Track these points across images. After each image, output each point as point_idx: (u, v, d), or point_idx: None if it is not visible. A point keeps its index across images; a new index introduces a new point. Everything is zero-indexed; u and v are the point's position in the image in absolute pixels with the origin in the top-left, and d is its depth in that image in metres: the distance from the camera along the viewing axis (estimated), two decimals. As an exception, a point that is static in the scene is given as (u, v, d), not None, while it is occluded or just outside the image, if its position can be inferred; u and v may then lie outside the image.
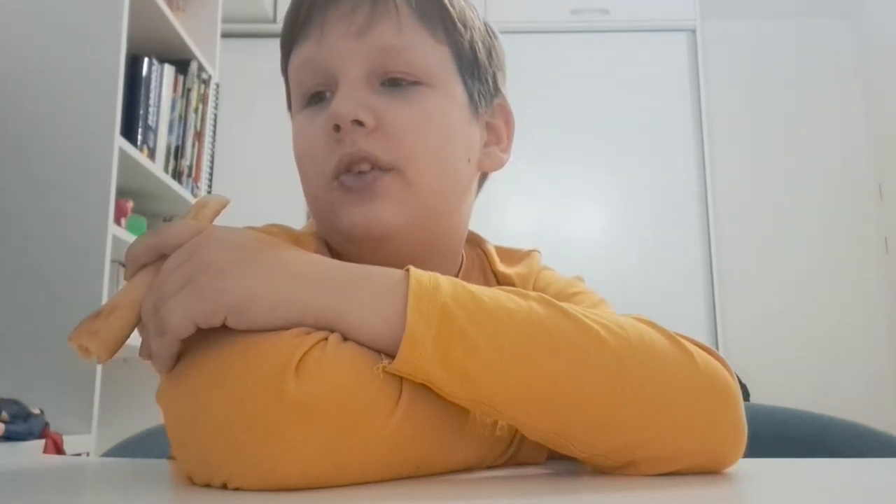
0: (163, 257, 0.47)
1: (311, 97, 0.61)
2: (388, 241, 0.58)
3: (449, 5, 0.62)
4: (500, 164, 0.66)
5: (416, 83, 0.59)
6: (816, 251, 2.97)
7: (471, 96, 0.63)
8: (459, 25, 0.62)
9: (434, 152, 0.59)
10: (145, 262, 0.48)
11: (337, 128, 0.56)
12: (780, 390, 2.71)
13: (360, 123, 0.56)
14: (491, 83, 0.66)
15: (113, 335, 0.45)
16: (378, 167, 0.57)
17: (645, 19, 3.04)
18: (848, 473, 0.54)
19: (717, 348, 2.54)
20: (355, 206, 0.57)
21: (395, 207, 0.57)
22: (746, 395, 2.44)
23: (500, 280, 0.66)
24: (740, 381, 0.52)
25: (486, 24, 0.67)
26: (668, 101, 2.99)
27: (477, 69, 0.64)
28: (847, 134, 3.06)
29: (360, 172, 0.57)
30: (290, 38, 0.62)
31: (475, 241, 0.70)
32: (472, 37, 0.63)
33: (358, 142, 0.56)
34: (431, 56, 0.60)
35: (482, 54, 0.64)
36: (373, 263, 0.47)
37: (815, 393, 2.74)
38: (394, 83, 0.59)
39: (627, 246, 2.87)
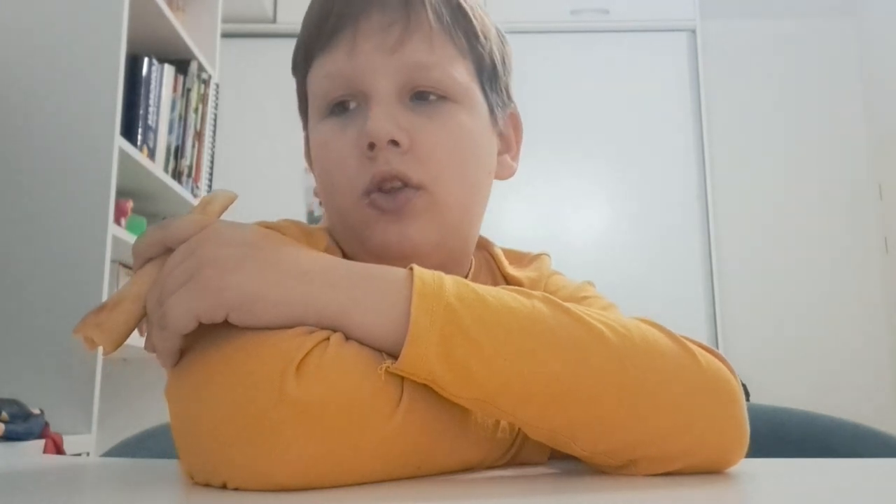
0: (168, 251, 0.47)
1: (335, 106, 0.60)
2: (415, 258, 0.58)
3: (473, 18, 0.62)
4: (511, 173, 0.67)
5: (442, 98, 0.59)
6: (816, 251, 2.97)
7: (490, 108, 0.64)
8: (482, 38, 0.62)
9: (460, 170, 0.60)
10: (151, 255, 0.48)
11: (371, 146, 0.56)
12: (780, 390, 2.71)
13: (395, 143, 0.56)
14: (505, 93, 0.66)
15: (118, 328, 0.46)
16: (408, 185, 0.57)
17: (645, 19, 3.04)
18: (848, 473, 0.54)
19: (717, 348, 2.54)
20: (388, 226, 0.57)
21: (425, 227, 0.58)
22: (746, 396, 2.43)
23: (509, 282, 0.66)
24: (741, 382, 0.52)
25: (497, 30, 0.67)
26: (668, 101, 2.98)
27: (495, 80, 0.64)
28: (847, 134, 3.06)
29: (391, 189, 0.57)
30: (314, 44, 0.61)
31: (482, 245, 0.70)
32: (490, 48, 0.63)
33: (392, 161, 0.56)
34: (458, 72, 0.60)
35: (499, 64, 0.65)
36: None
37: (815, 393, 2.74)
38: (421, 97, 0.59)
39: (627, 246, 2.87)
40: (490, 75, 0.64)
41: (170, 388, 0.47)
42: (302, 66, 0.63)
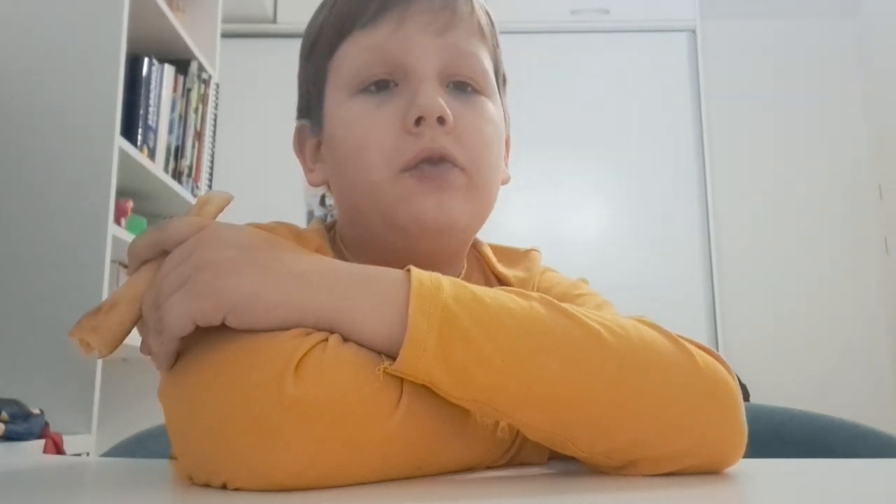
0: (165, 253, 0.46)
1: (370, 84, 0.60)
2: (445, 236, 0.59)
3: (495, 26, 0.65)
4: (507, 179, 0.68)
5: (476, 91, 0.61)
6: (816, 251, 2.97)
7: (504, 112, 0.65)
8: (499, 46, 0.65)
9: (493, 162, 0.61)
10: (147, 257, 0.47)
11: (418, 121, 0.56)
12: (780, 390, 2.71)
13: (441, 121, 0.57)
14: (506, 101, 0.68)
15: (113, 330, 0.45)
16: (453, 164, 0.58)
17: (645, 19, 3.04)
18: (848, 473, 0.54)
19: (717, 348, 2.54)
20: (428, 196, 0.57)
21: (463, 204, 0.58)
22: (746, 396, 2.44)
23: (501, 281, 0.66)
24: (740, 382, 0.52)
25: None
26: (668, 101, 2.98)
27: (504, 88, 0.67)
28: (847, 134, 3.06)
29: (432, 164, 0.57)
30: (353, 20, 0.61)
31: (472, 244, 0.70)
32: (501, 58, 0.66)
33: (438, 139, 0.57)
34: (488, 68, 0.62)
35: (506, 74, 0.67)
36: (399, 264, 0.47)
37: (815, 393, 2.74)
38: (458, 86, 0.60)
39: (627, 246, 2.87)
40: (503, 80, 0.66)
41: (165, 390, 0.47)
42: (328, 43, 0.62)
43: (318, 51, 0.64)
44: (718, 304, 2.82)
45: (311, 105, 0.66)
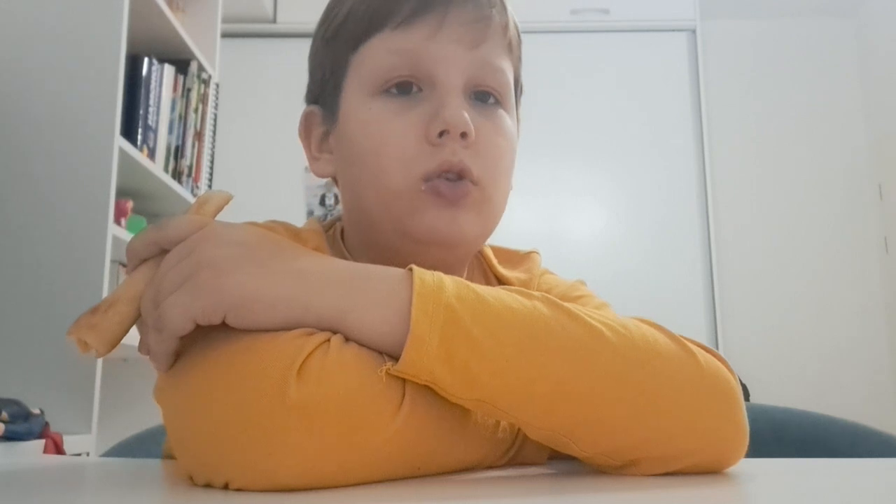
0: (164, 252, 0.46)
1: (393, 86, 0.59)
2: (454, 248, 0.59)
3: (521, 40, 0.65)
4: (511, 188, 0.68)
5: (497, 103, 0.61)
6: (816, 251, 2.97)
7: (518, 123, 0.66)
8: (521, 57, 0.66)
9: (505, 173, 0.62)
10: (146, 256, 0.47)
11: (442, 134, 0.56)
12: (780, 390, 2.71)
13: (464, 136, 0.57)
14: (520, 110, 0.68)
15: (112, 329, 0.45)
16: (467, 179, 0.58)
17: (645, 19, 3.04)
18: (848, 473, 0.54)
19: (717, 348, 2.54)
20: (442, 211, 0.57)
21: (474, 220, 0.58)
22: (746, 395, 2.44)
23: (501, 282, 0.66)
24: (740, 381, 0.52)
25: None
26: (668, 101, 2.99)
27: (519, 100, 0.67)
28: (847, 134, 3.06)
29: (449, 180, 0.57)
30: (385, 17, 0.59)
31: None
32: (521, 72, 0.67)
33: (458, 153, 0.57)
34: (510, 82, 0.63)
35: (522, 88, 0.68)
36: (402, 266, 0.47)
37: (815, 393, 2.74)
38: (480, 98, 0.60)
39: (627, 246, 2.87)
40: (520, 92, 0.67)
41: (165, 390, 0.47)
42: (354, 35, 0.61)
43: (341, 40, 0.62)
44: (718, 303, 2.82)
45: (325, 93, 0.64)
